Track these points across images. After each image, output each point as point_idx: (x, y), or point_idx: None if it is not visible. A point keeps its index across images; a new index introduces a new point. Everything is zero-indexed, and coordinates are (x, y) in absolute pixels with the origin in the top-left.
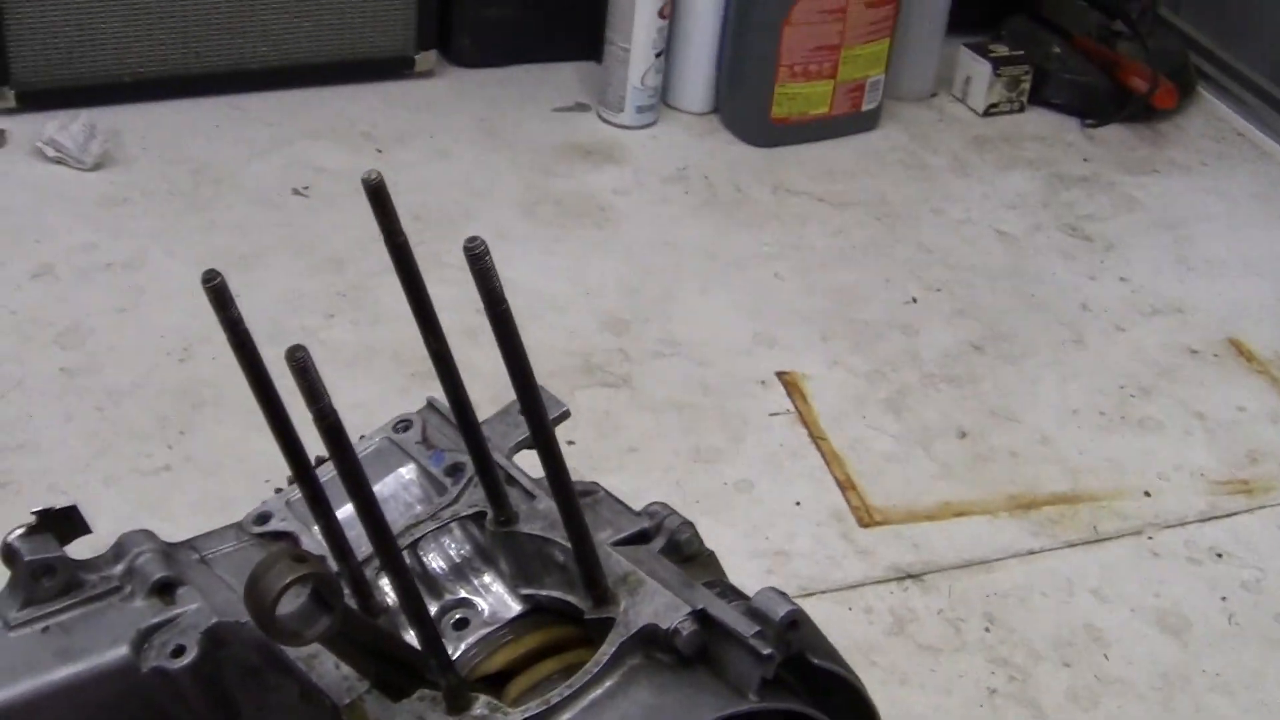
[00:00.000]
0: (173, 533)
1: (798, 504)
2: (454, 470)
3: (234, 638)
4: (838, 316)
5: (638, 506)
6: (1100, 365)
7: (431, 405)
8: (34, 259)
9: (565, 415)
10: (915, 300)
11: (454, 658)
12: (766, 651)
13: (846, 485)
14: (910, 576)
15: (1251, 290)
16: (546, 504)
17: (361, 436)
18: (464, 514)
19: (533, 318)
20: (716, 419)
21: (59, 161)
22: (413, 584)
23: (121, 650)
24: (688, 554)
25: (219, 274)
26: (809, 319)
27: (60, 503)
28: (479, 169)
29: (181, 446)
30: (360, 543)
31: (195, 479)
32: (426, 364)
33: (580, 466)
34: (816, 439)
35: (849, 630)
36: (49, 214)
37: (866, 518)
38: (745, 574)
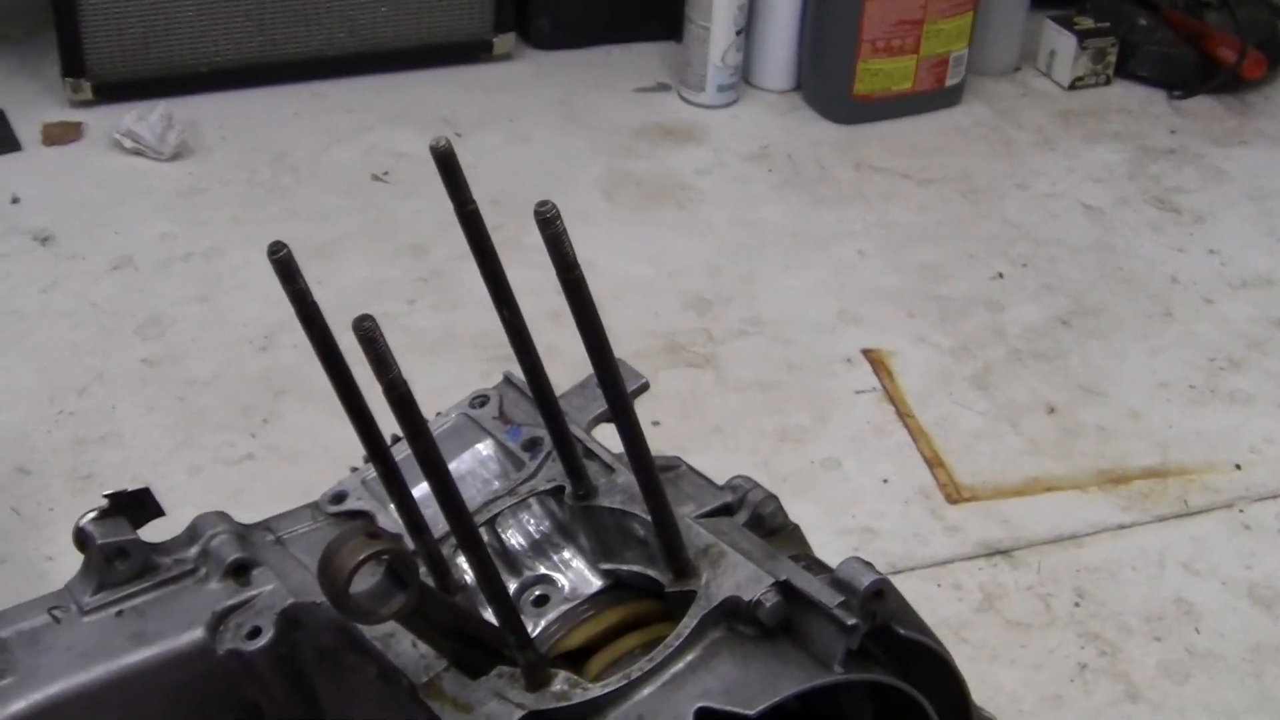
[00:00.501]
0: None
1: (885, 481)
2: (532, 445)
3: (310, 619)
4: (923, 293)
5: None
6: (1189, 338)
7: (508, 380)
8: (113, 251)
9: (645, 387)
10: (1001, 276)
11: (534, 635)
12: (851, 622)
13: (934, 462)
14: (999, 553)
15: None
16: (626, 477)
17: (438, 414)
18: (542, 489)
19: (615, 299)
20: (802, 398)
21: (137, 153)
22: (489, 559)
23: (197, 633)
24: (772, 527)
25: (285, 245)
26: (894, 296)
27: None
28: (559, 152)
29: (264, 435)
30: (437, 521)
31: (278, 467)
32: (509, 348)
33: (665, 447)
34: (903, 416)
35: (938, 608)
36: (127, 206)
37: (955, 494)
38: (832, 552)
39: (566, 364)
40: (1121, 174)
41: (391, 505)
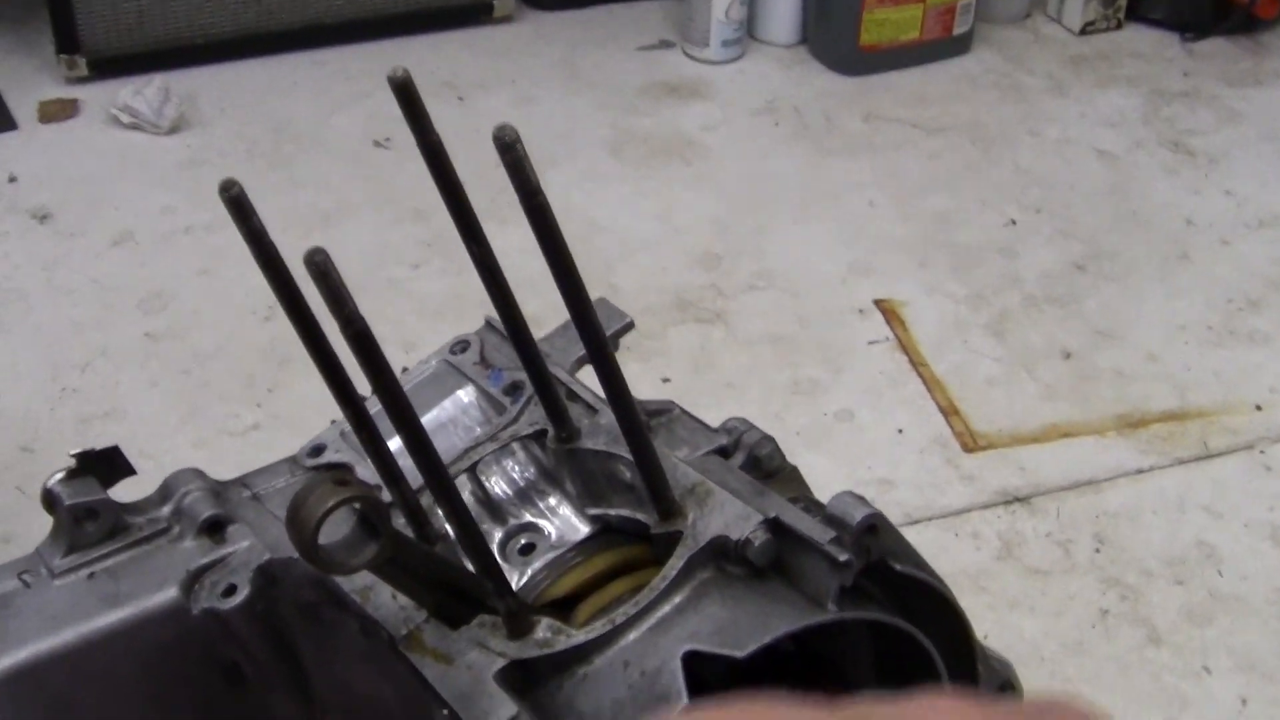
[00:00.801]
0: None
1: (900, 432)
2: (513, 389)
3: (287, 574)
4: (935, 242)
5: None
6: (1206, 280)
7: (489, 324)
8: (114, 226)
9: (629, 327)
10: (1014, 222)
11: (520, 584)
12: (844, 558)
13: (949, 411)
14: (1017, 500)
15: None
16: (609, 418)
17: (420, 362)
18: (524, 433)
19: (623, 257)
20: (814, 350)
21: (135, 127)
22: (460, 502)
23: (170, 593)
24: (769, 469)
25: (236, 182)
26: (905, 246)
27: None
28: (563, 112)
29: (270, 405)
30: (417, 471)
31: (285, 436)
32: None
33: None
34: (917, 366)
35: (956, 557)
36: (127, 181)
37: (971, 443)
38: None
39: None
40: (1134, 118)
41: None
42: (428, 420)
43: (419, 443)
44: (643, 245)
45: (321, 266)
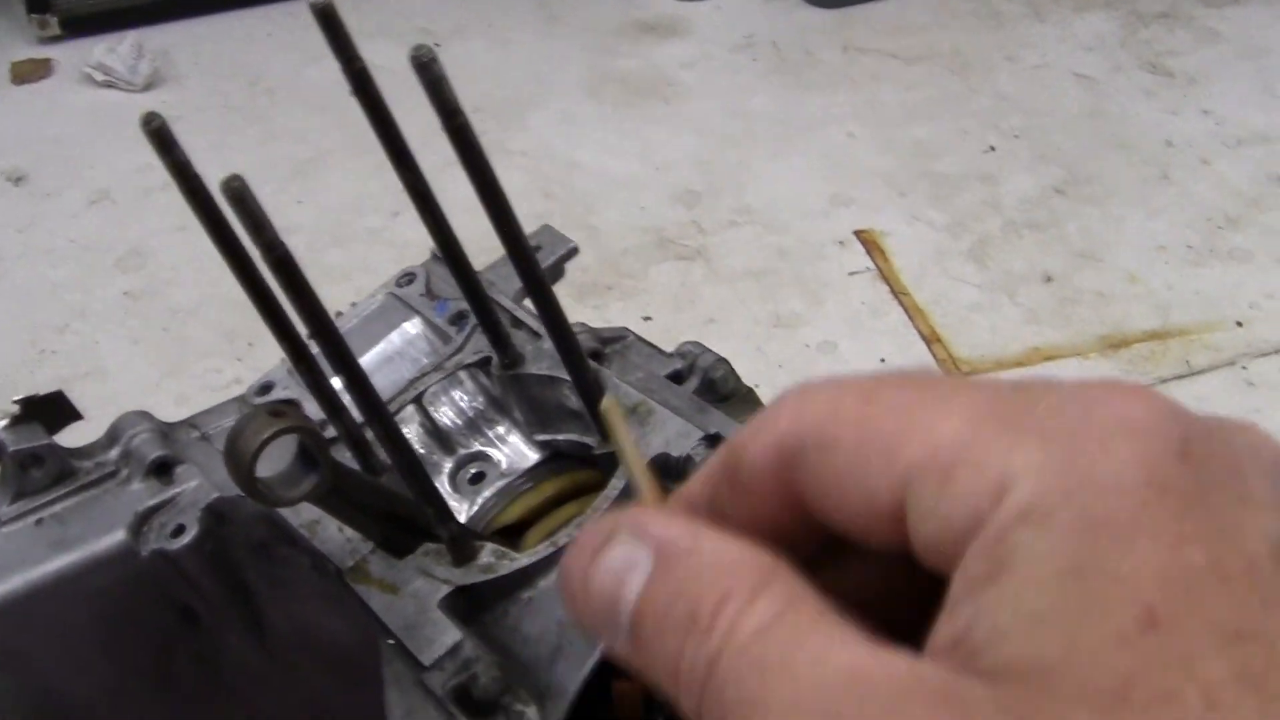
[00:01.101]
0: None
1: (882, 361)
2: (458, 318)
3: (236, 513)
4: (914, 171)
5: None
6: (1186, 200)
7: (435, 256)
8: (90, 185)
9: (573, 252)
10: (993, 149)
11: (472, 512)
12: None
13: (931, 339)
14: None
15: None
16: (553, 343)
17: (368, 295)
18: (469, 361)
19: (603, 197)
20: (795, 283)
21: (109, 85)
22: (394, 427)
23: (119, 535)
24: (724, 392)
25: (157, 115)
26: (885, 176)
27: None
28: (541, 55)
29: (251, 358)
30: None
31: None
32: (494, 255)
33: (658, 341)
34: (899, 295)
35: None
36: (102, 140)
37: (953, 369)
38: None
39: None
40: (1113, 41)
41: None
42: (375, 353)
43: (345, 366)
44: (622, 185)
45: (238, 192)
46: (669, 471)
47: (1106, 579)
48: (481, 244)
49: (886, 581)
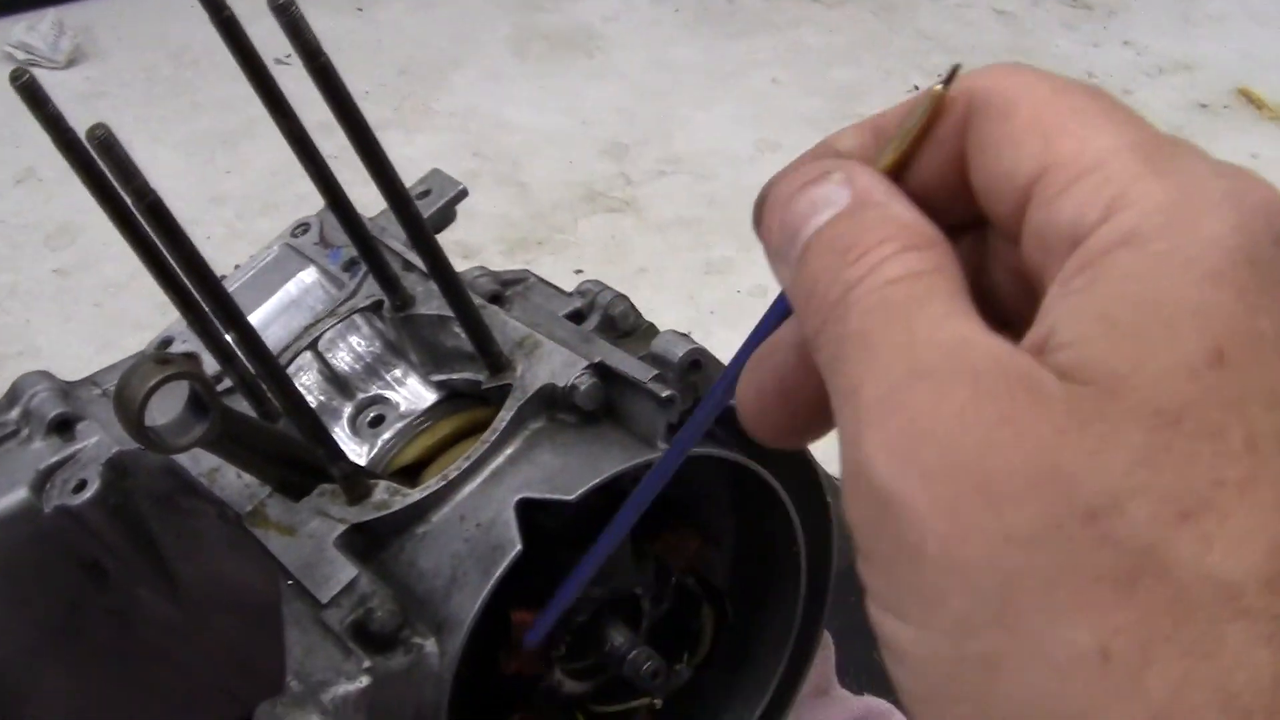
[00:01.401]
0: None
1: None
2: (351, 264)
3: (138, 466)
4: (840, 114)
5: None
6: None
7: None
8: (15, 164)
9: (462, 194)
10: (918, 88)
11: (372, 454)
12: (666, 394)
13: None
14: None
15: (1258, 40)
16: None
17: (264, 247)
18: (362, 306)
19: (531, 153)
20: (725, 230)
21: (30, 64)
22: (278, 366)
23: (20, 494)
24: (624, 329)
25: (26, 71)
26: (812, 120)
27: None
28: (463, 14)
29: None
30: (277, 350)
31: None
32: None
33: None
34: None
35: None
36: (26, 118)
37: None
38: None
39: (485, 223)
40: None
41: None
42: (272, 303)
43: (223, 308)
44: (549, 140)
45: (104, 140)
46: (555, 401)
47: (1185, 311)
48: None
49: (1005, 283)
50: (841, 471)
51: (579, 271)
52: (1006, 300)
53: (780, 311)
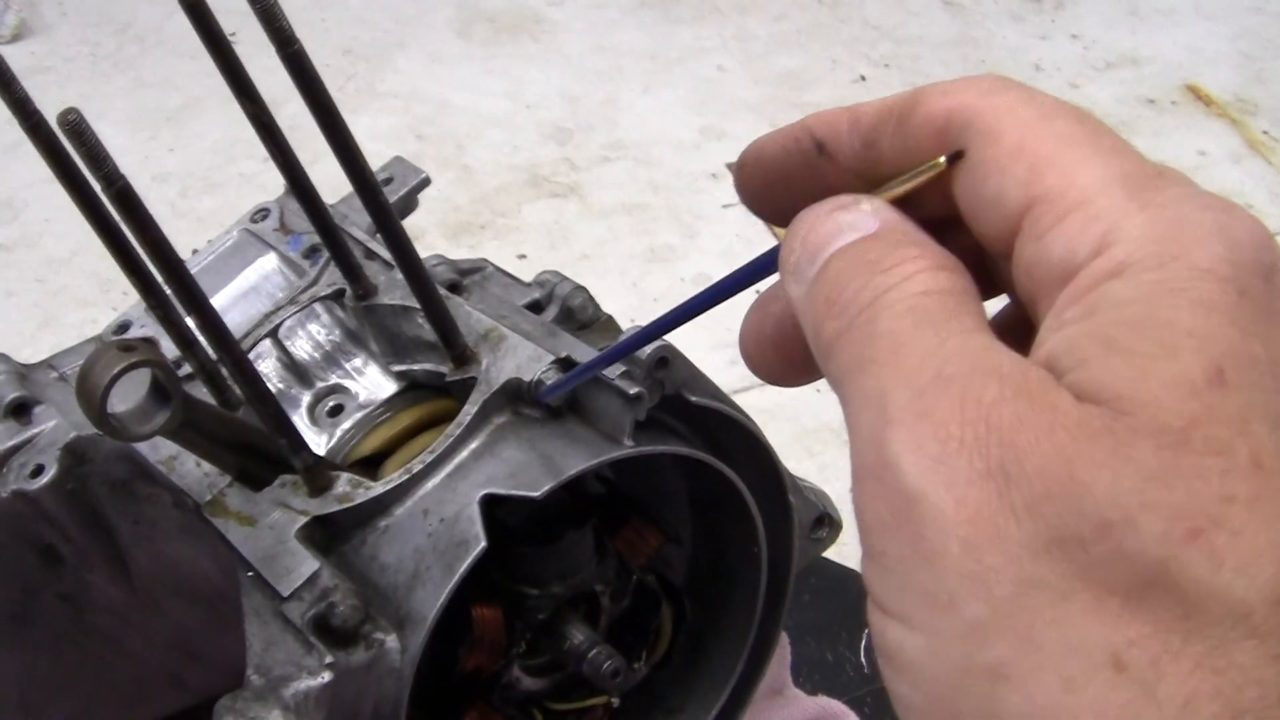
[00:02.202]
0: None
1: (758, 292)
2: (311, 252)
3: (95, 451)
4: (786, 102)
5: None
6: None
7: (290, 190)
8: None
9: (425, 183)
10: (864, 78)
11: (330, 445)
12: (634, 391)
13: None
14: None
15: (1206, 35)
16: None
17: (223, 232)
18: (323, 294)
19: (475, 137)
20: (669, 217)
21: None
22: (243, 356)
23: None
24: (583, 320)
25: None
26: (756, 108)
27: None
28: None
29: (126, 308)
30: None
31: None
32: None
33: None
34: (772, 226)
35: (819, 411)
36: None
37: None
38: (707, 367)
39: (429, 208)
40: None
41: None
42: (231, 289)
43: (190, 297)
44: (493, 124)
45: (75, 126)
46: (520, 395)
47: (1181, 333)
48: (345, 182)
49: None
50: (856, 470)
51: (522, 257)
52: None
53: (734, 282)
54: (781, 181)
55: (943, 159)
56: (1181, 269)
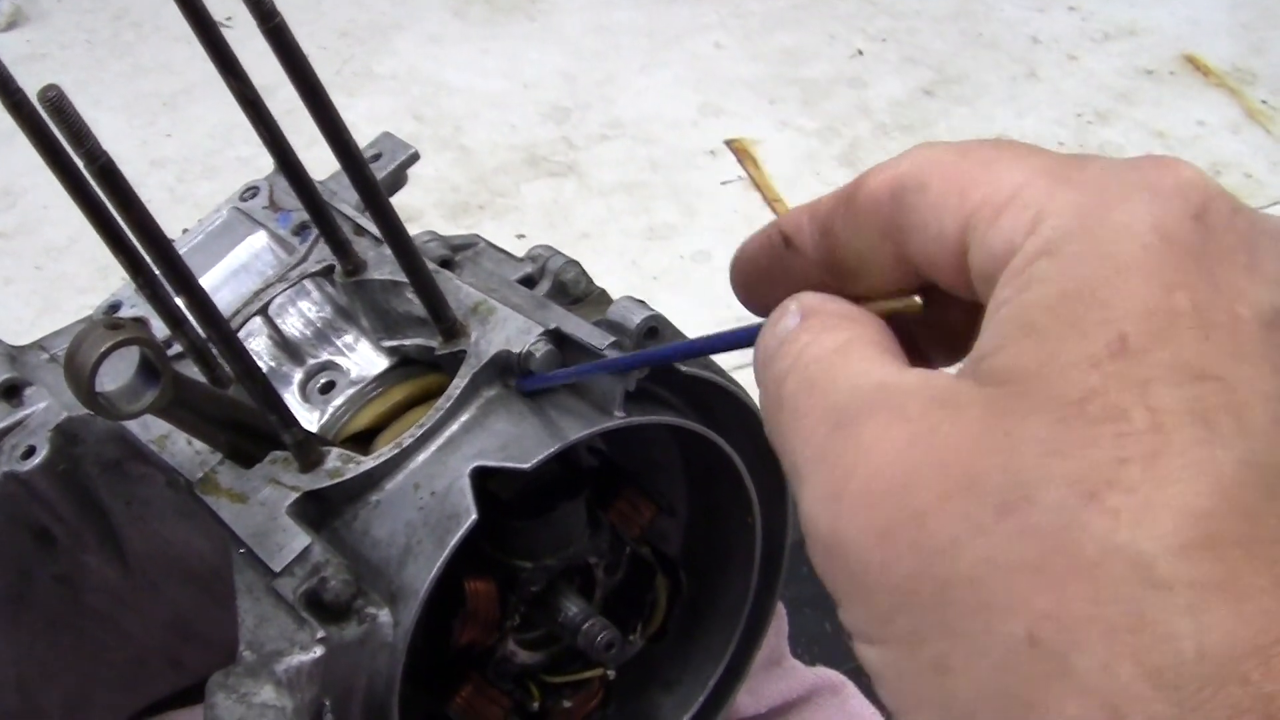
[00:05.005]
0: None
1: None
2: (302, 228)
3: (87, 432)
4: (783, 78)
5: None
6: (1055, 96)
7: (279, 168)
8: None
9: (414, 158)
10: (861, 53)
11: (322, 421)
12: None
13: None
14: None
15: (1204, 5)
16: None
17: (212, 211)
18: (312, 270)
19: (473, 116)
20: (668, 195)
21: None
22: (230, 332)
23: None
24: (576, 295)
25: None
26: (754, 84)
27: None
28: None
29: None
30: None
31: None
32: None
33: None
34: (771, 202)
35: None
36: None
37: None
38: None
39: (426, 187)
40: None
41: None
42: (221, 268)
43: (176, 274)
44: (491, 104)
45: (56, 102)
46: (510, 368)
47: (1092, 304)
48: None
49: (969, 326)
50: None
51: (521, 236)
52: (964, 342)
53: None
54: (760, 277)
55: (917, 298)
56: (1105, 233)
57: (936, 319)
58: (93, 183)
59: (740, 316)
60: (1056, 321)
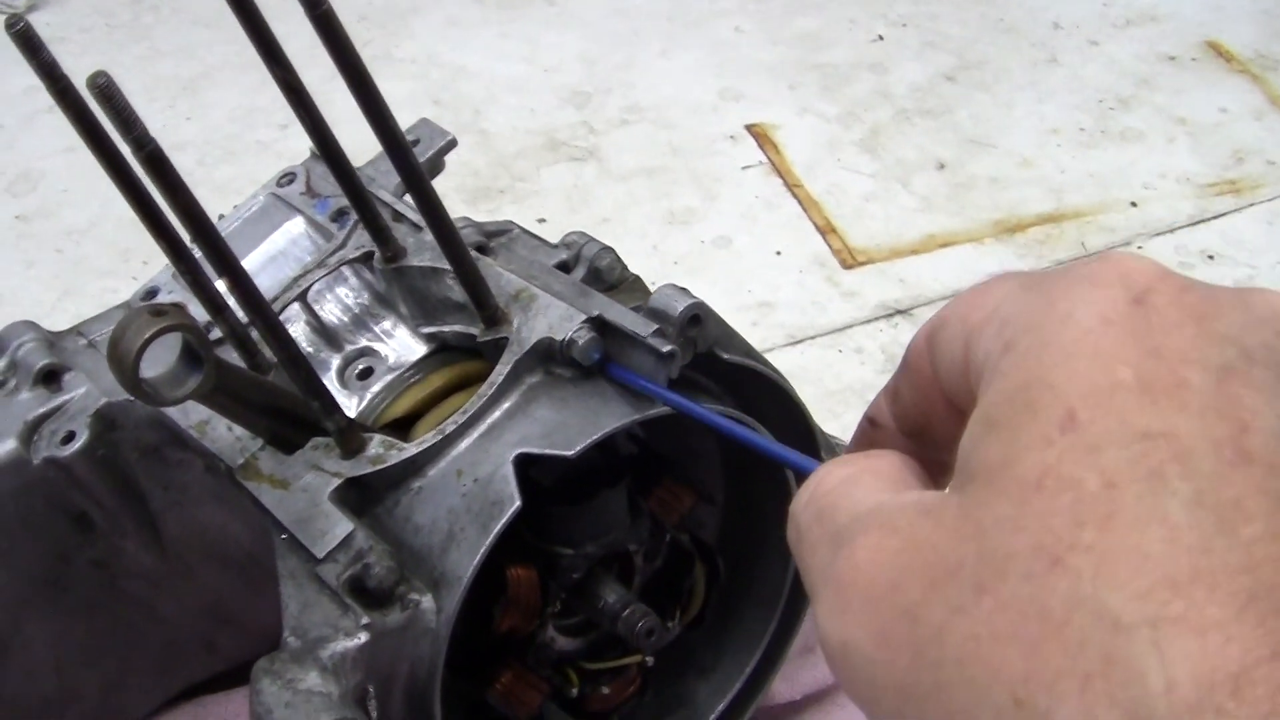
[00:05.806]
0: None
1: (778, 254)
2: (339, 215)
3: (126, 417)
4: (803, 63)
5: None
6: (1076, 82)
7: (315, 154)
8: None
9: (451, 144)
10: (881, 38)
11: (360, 407)
12: (667, 349)
13: (826, 230)
14: (899, 312)
15: None
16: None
17: (249, 197)
18: (351, 257)
19: (493, 101)
20: (688, 179)
21: None
22: (273, 318)
23: (9, 445)
24: (610, 281)
25: (22, 18)
26: (774, 69)
27: None
28: None
29: (147, 276)
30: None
31: None
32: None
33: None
34: (792, 187)
35: (841, 373)
36: None
37: (849, 259)
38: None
39: (446, 175)
40: None
41: (222, 288)
42: (258, 254)
43: (223, 261)
44: (511, 88)
45: (105, 89)
46: (552, 355)
47: (1043, 389)
48: (366, 146)
49: None
50: None
51: (542, 220)
52: None
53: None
54: None
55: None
56: (1051, 325)
57: None
58: (137, 169)
59: (762, 301)
60: (1014, 411)
